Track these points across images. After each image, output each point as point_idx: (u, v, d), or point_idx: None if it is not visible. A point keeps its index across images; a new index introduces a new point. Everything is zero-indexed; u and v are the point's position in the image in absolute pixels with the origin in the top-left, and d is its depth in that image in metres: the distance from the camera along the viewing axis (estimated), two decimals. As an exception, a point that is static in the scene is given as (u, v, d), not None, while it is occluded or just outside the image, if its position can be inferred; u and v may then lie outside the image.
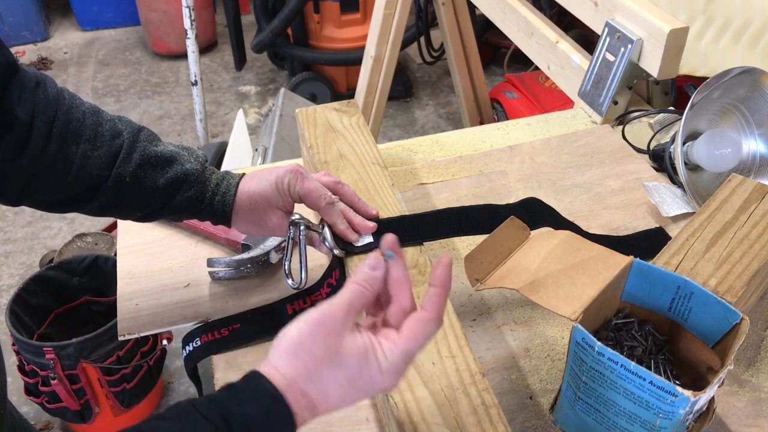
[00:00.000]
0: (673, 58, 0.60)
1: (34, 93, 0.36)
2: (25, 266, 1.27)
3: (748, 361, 0.42)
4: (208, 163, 0.44)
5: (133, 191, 0.39)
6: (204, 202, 0.41)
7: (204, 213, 0.42)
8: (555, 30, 0.74)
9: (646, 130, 0.64)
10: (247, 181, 0.42)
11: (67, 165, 0.37)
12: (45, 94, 0.37)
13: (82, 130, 0.38)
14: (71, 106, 0.38)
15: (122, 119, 0.41)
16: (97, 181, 0.38)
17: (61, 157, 0.37)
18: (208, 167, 0.42)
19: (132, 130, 0.40)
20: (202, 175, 0.41)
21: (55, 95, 0.37)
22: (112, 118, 0.40)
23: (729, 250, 0.40)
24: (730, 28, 0.70)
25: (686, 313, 0.35)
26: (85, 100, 0.40)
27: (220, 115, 1.71)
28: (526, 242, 0.40)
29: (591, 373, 0.33)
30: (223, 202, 0.41)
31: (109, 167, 0.38)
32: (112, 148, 0.38)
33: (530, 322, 0.45)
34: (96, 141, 0.38)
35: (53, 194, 0.38)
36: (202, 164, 0.41)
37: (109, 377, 0.88)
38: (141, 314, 0.47)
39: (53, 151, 0.36)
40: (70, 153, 0.37)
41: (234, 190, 0.41)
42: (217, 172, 0.43)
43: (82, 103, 0.39)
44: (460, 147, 0.63)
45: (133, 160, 0.39)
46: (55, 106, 0.37)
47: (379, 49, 1.09)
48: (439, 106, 1.74)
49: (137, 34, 2.05)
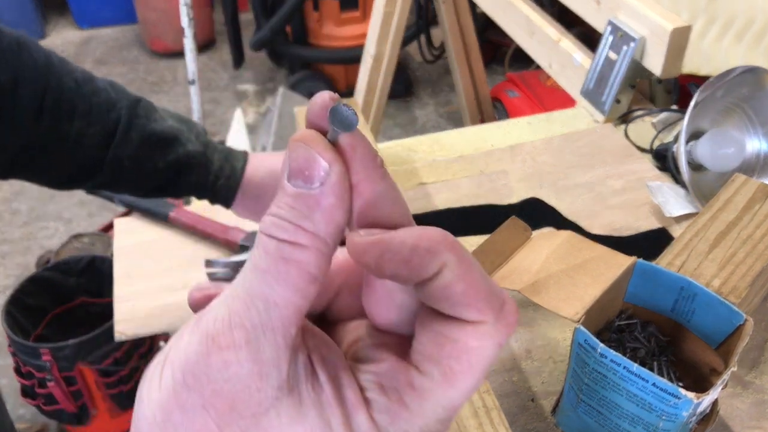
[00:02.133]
0: (675, 56, 0.59)
1: (17, 56, 0.31)
2: (22, 267, 1.26)
3: (752, 362, 0.42)
4: None
5: (131, 173, 0.36)
6: (206, 184, 0.38)
7: (204, 194, 0.39)
8: (556, 28, 0.74)
9: (648, 130, 0.64)
10: (255, 169, 0.39)
11: (60, 144, 0.33)
12: (31, 58, 0.31)
13: (76, 102, 0.33)
14: (62, 74, 0.33)
15: (115, 86, 0.36)
16: (93, 162, 0.35)
17: (54, 135, 0.32)
18: (210, 144, 0.39)
19: (129, 102, 0.35)
20: (204, 156, 0.38)
21: (44, 61, 0.32)
22: (105, 86, 0.35)
23: (732, 251, 0.39)
24: (733, 27, 0.70)
25: (689, 314, 0.35)
26: (77, 65, 0.35)
27: (218, 114, 1.70)
28: (528, 243, 0.40)
29: (593, 374, 0.33)
30: (227, 186, 0.38)
31: (105, 147, 0.34)
32: (108, 123, 0.34)
33: (532, 324, 0.44)
34: (91, 116, 0.34)
35: (46, 172, 0.35)
36: (203, 143, 0.38)
37: (106, 379, 0.88)
38: (138, 315, 0.46)
39: (45, 129, 0.32)
40: (63, 130, 0.33)
41: (239, 175, 0.39)
42: (219, 150, 0.39)
43: (74, 68, 0.34)
44: (460, 146, 0.62)
45: (131, 141, 0.35)
46: (46, 74, 0.32)
47: (379, 47, 1.08)
48: (440, 105, 1.73)
49: (134, 33, 2.04)
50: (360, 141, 0.13)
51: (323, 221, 0.12)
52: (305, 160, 0.12)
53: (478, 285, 0.12)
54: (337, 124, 0.12)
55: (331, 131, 0.12)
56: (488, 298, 0.12)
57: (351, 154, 0.12)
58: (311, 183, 0.12)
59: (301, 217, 0.12)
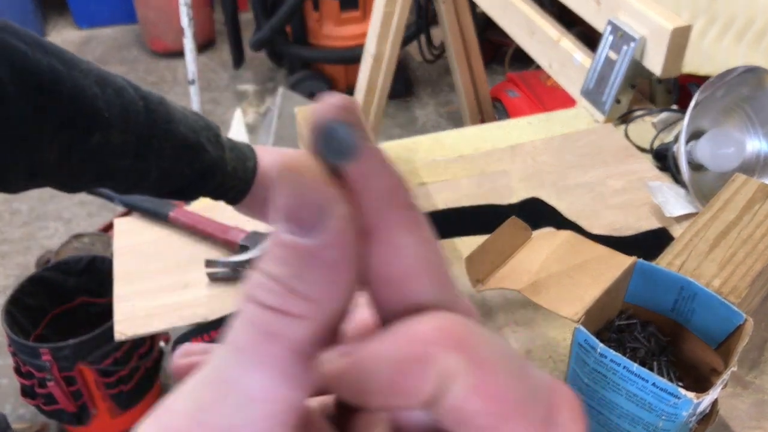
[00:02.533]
0: (676, 56, 0.59)
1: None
2: (22, 267, 1.26)
3: (752, 362, 0.42)
4: None
5: (155, 181, 0.34)
6: (223, 189, 0.37)
7: (214, 196, 0.38)
8: (557, 28, 0.74)
9: (649, 129, 0.64)
10: (265, 172, 0.37)
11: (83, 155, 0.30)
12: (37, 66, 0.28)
13: (104, 110, 0.30)
14: (80, 77, 0.29)
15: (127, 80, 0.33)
16: (116, 170, 0.32)
17: (76, 148, 0.30)
18: (223, 145, 0.37)
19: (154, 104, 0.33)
20: (222, 160, 0.36)
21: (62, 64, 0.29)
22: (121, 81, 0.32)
23: (732, 251, 0.39)
24: (734, 27, 0.70)
25: (689, 314, 0.35)
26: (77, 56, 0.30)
27: (218, 114, 1.70)
28: (528, 243, 0.40)
29: (593, 374, 0.33)
30: (237, 189, 0.37)
31: (132, 156, 0.32)
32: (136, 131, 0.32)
33: (532, 324, 0.44)
34: (121, 122, 0.31)
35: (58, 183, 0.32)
36: (221, 144, 0.36)
37: (106, 379, 0.88)
38: (138, 315, 0.46)
39: (66, 143, 0.29)
40: (90, 143, 0.30)
41: (251, 178, 0.37)
42: (230, 149, 0.37)
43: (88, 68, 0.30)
44: (460, 146, 0.62)
45: (163, 151, 0.33)
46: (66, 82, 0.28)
47: (379, 47, 1.08)
48: (440, 105, 1.73)
49: (134, 33, 2.04)
50: (376, 169, 0.09)
51: (323, 282, 0.09)
52: (296, 199, 0.08)
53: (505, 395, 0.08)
54: (330, 154, 0.09)
55: None
56: (525, 411, 0.08)
57: (362, 187, 0.09)
58: (306, 230, 0.08)
59: (295, 276, 0.08)
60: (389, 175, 0.09)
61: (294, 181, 0.09)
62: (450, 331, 0.09)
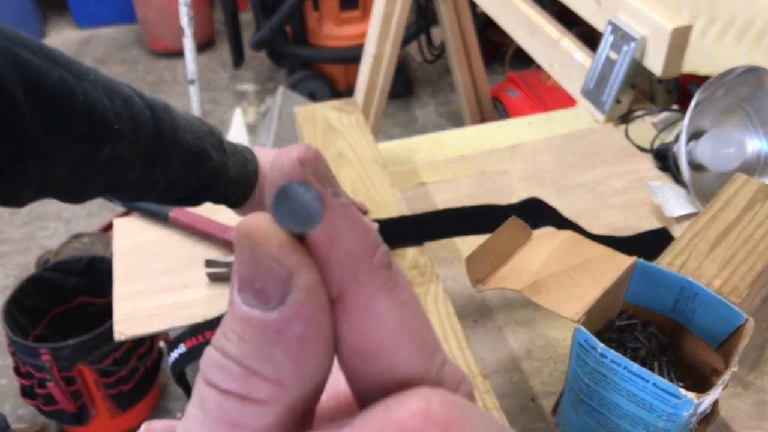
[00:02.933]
0: (676, 56, 0.59)
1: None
2: (21, 267, 1.26)
3: (753, 362, 0.42)
4: None
5: (161, 192, 0.34)
6: (227, 195, 0.37)
7: (217, 201, 0.38)
8: (557, 28, 0.74)
9: (649, 129, 0.64)
10: (265, 175, 0.38)
11: (93, 168, 0.30)
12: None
13: (114, 121, 0.29)
14: (90, 89, 0.29)
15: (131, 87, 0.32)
16: (123, 181, 0.32)
17: (87, 162, 0.29)
18: (228, 150, 0.36)
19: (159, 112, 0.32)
20: (225, 167, 0.36)
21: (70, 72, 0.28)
22: (127, 90, 0.31)
23: (733, 251, 0.39)
24: (734, 27, 0.69)
25: (690, 314, 0.35)
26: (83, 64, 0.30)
27: (218, 114, 1.70)
28: (528, 243, 0.40)
29: (593, 375, 0.33)
30: (239, 194, 0.37)
31: (141, 168, 0.32)
32: (146, 142, 0.32)
33: (532, 324, 0.44)
34: (130, 134, 0.31)
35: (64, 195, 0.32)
36: (224, 149, 0.36)
37: (106, 379, 0.87)
38: (138, 315, 0.46)
39: (76, 157, 0.29)
40: (100, 157, 0.30)
41: (253, 182, 0.37)
42: (231, 154, 0.37)
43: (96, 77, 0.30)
44: (461, 146, 0.62)
45: (173, 163, 0.33)
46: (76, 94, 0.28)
47: (379, 47, 1.08)
48: (440, 105, 1.73)
49: (134, 32, 2.04)
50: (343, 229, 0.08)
51: (289, 362, 0.07)
52: (255, 268, 0.07)
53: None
54: (291, 221, 0.07)
55: None
56: None
57: (327, 247, 0.08)
58: (267, 303, 0.07)
59: (256, 356, 0.07)
60: (359, 234, 0.08)
61: (251, 249, 0.07)
62: (436, 416, 0.07)
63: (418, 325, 0.08)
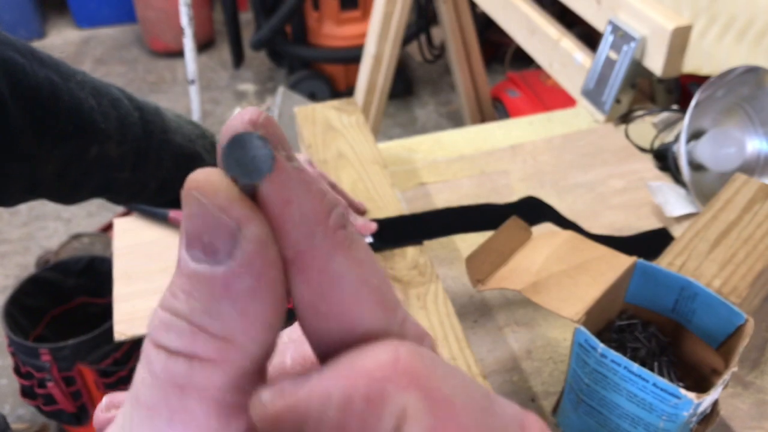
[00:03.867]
0: (676, 56, 0.59)
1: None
2: (21, 267, 1.26)
3: (753, 362, 0.42)
4: None
5: (153, 193, 0.35)
6: None
7: None
8: (557, 27, 0.74)
9: (649, 129, 0.64)
10: None
11: (83, 168, 0.30)
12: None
13: (101, 122, 0.30)
14: (77, 89, 0.29)
15: (122, 91, 0.33)
16: (114, 182, 0.32)
17: (75, 161, 0.30)
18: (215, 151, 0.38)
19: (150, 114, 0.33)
20: None
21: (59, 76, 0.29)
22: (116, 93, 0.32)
23: (733, 251, 0.39)
24: (734, 27, 0.69)
25: (690, 314, 0.35)
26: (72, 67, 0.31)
27: (218, 113, 1.70)
28: (528, 243, 0.40)
29: (594, 375, 0.33)
30: None
31: (130, 167, 0.32)
32: (134, 142, 0.32)
33: (532, 324, 0.44)
34: (117, 134, 0.31)
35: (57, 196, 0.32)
36: (212, 152, 0.37)
37: (106, 379, 0.87)
38: (138, 315, 0.46)
39: (65, 156, 0.29)
40: (89, 156, 0.30)
41: None
42: None
43: (83, 79, 0.30)
44: (461, 146, 0.62)
45: (162, 164, 0.33)
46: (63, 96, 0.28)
47: (379, 46, 1.08)
48: (440, 105, 1.73)
49: (134, 32, 2.04)
50: (296, 187, 0.08)
51: (238, 317, 0.07)
52: (202, 221, 0.07)
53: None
54: (240, 169, 0.07)
55: None
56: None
57: (280, 208, 0.08)
58: (214, 257, 0.07)
59: (203, 312, 0.07)
60: (313, 197, 0.08)
61: (199, 201, 0.07)
62: (404, 365, 0.07)
63: (377, 282, 0.08)
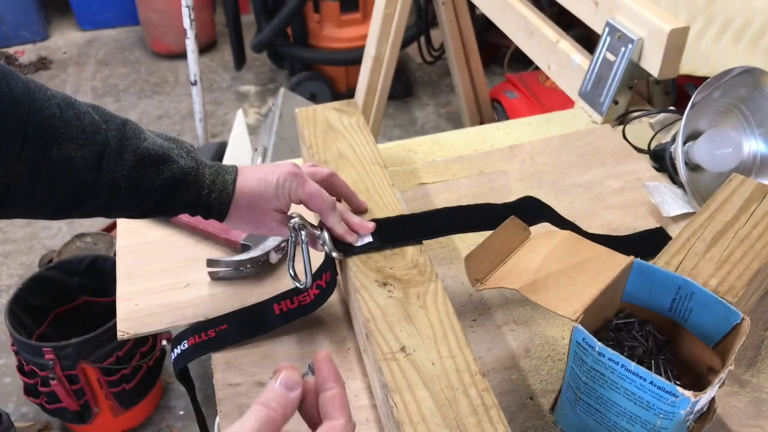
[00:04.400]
0: (673, 57, 0.59)
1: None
2: (25, 266, 1.27)
3: (749, 361, 0.42)
4: None
5: (127, 194, 0.36)
6: (200, 200, 0.39)
7: (197, 209, 0.40)
8: (555, 29, 0.74)
9: (646, 130, 0.64)
10: (246, 180, 0.40)
11: (49, 170, 0.33)
12: (9, 88, 0.31)
13: (61, 127, 0.33)
14: (43, 100, 0.32)
15: (99, 109, 0.36)
16: (86, 185, 0.35)
17: (41, 162, 0.32)
18: (200, 161, 0.40)
19: (116, 124, 0.36)
20: (197, 172, 0.39)
21: (22, 89, 0.32)
22: (88, 109, 0.36)
23: (730, 250, 0.39)
24: (731, 28, 0.70)
25: (687, 313, 0.35)
26: (51, 89, 0.34)
27: (220, 114, 1.71)
28: (527, 242, 0.40)
29: (591, 373, 0.33)
30: (220, 200, 0.40)
31: (96, 169, 0.35)
32: (96, 145, 0.35)
33: (531, 323, 0.45)
34: (77, 140, 0.34)
35: (39, 204, 0.34)
36: (194, 159, 0.39)
37: (109, 378, 0.88)
38: (140, 314, 0.46)
39: (32, 156, 0.32)
40: (50, 157, 0.33)
41: (231, 188, 0.40)
42: (209, 166, 0.40)
43: (53, 95, 0.34)
44: (460, 147, 0.63)
45: (125, 162, 0.35)
46: (27, 104, 0.32)
47: (379, 48, 1.08)
48: (439, 106, 1.73)
49: (137, 34, 2.05)
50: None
51: None
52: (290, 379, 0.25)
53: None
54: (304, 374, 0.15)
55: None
56: None
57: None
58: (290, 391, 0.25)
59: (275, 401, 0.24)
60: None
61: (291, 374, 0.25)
62: None
63: None
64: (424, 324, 0.36)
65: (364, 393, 0.40)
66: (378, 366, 0.35)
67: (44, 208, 0.35)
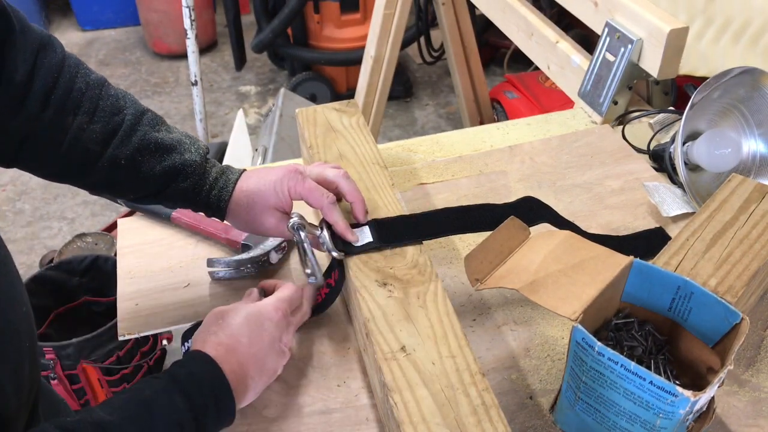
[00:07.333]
0: (673, 58, 0.59)
1: (36, 55, 0.36)
2: (25, 266, 1.27)
3: (748, 361, 0.42)
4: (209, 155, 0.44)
5: (127, 174, 0.39)
6: (200, 195, 0.41)
7: (198, 205, 0.41)
8: (555, 30, 0.74)
9: (646, 130, 0.64)
10: (246, 179, 0.41)
11: (61, 134, 0.36)
12: (48, 58, 0.36)
13: (81, 101, 0.37)
14: (75, 75, 0.37)
15: (128, 97, 0.40)
16: (90, 157, 0.37)
17: (56, 125, 0.36)
18: (210, 160, 0.42)
19: (136, 111, 0.39)
20: (201, 167, 0.40)
21: (58, 61, 0.37)
22: (117, 93, 0.39)
23: (729, 250, 0.40)
24: (730, 28, 0.70)
25: (686, 313, 0.35)
26: (94, 71, 0.39)
27: (220, 115, 1.71)
28: (526, 242, 0.40)
29: (591, 373, 0.33)
30: (219, 196, 0.41)
31: (104, 144, 0.38)
32: (110, 124, 0.38)
33: (530, 322, 0.45)
34: (94, 115, 0.37)
35: (46, 162, 0.38)
36: (202, 156, 0.41)
37: (109, 377, 0.88)
38: (141, 314, 0.47)
39: (49, 119, 0.36)
40: (65, 123, 0.36)
41: (232, 186, 0.41)
42: (218, 166, 0.42)
43: (88, 73, 0.38)
44: (460, 147, 0.63)
45: (131, 143, 0.38)
46: (57, 73, 0.36)
47: (379, 49, 1.09)
48: (439, 106, 1.74)
49: (137, 34, 2.05)
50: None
51: None
52: None
53: None
54: None
55: None
56: None
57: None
58: None
59: None
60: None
61: None
62: None
63: None
64: (424, 324, 0.37)
65: (364, 392, 0.40)
66: (378, 365, 0.35)
67: (50, 169, 0.38)
